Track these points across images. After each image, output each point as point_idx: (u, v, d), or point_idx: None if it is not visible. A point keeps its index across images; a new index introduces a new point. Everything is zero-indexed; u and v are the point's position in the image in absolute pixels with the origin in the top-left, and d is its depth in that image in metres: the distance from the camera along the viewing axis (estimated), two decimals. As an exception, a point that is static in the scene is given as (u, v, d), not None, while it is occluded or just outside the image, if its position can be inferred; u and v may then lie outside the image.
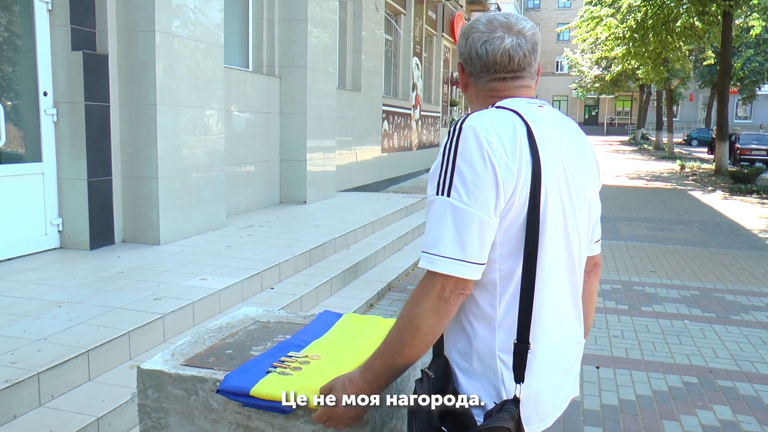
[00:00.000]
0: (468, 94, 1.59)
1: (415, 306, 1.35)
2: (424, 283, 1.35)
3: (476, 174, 1.32)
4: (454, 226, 1.32)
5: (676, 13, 19.51)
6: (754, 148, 24.92)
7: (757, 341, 4.99)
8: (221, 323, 2.05)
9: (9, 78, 5.31)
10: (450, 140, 1.37)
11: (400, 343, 1.38)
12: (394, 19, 15.11)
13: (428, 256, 1.34)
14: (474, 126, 1.36)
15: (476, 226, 1.32)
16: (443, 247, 1.32)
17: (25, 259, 5.18)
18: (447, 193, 1.33)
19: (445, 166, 1.35)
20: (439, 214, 1.33)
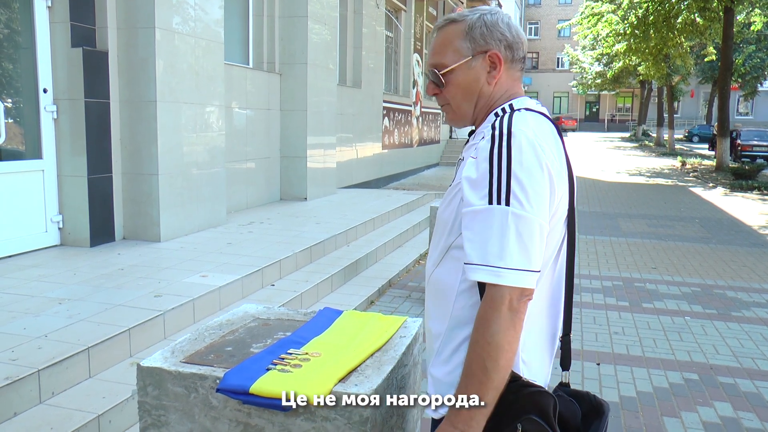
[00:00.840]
0: (489, 88, 1.50)
1: (489, 326, 1.29)
2: (492, 300, 1.29)
3: (535, 181, 1.30)
4: (517, 235, 1.28)
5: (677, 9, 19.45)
6: (755, 145, 24.88)
7: (758, 338, 4.99)
8: (221, 320, 2.04)
9: (9, 75, 5.30)
10: (498, 146, 1.32)
11: (486, 372, 1.29)
12: (395, 15, 15.09)
13: (493, 270, 1.28)
14: (525, 131, 1.33)
15: (537, 234, 1.31)
16: (510, 259, 1.28)
17: (26, 257, 5.18)
18: (506, 202, 1.29)
19: (497, 173, 1.30)
20: (499, 223, 1.29)
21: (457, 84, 1.49)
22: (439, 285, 1.49)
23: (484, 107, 1.51)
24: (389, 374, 1.64)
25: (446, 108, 1.55)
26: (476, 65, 1.48)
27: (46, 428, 2.81)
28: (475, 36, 1.46)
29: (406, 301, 5.69)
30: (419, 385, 2.01)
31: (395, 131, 14.69)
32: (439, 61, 1.50)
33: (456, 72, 1.48)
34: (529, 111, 1.42)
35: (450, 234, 1.45)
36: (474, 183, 1.34)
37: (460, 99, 1.51)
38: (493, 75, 1.48)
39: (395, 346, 1.82)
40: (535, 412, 1.33)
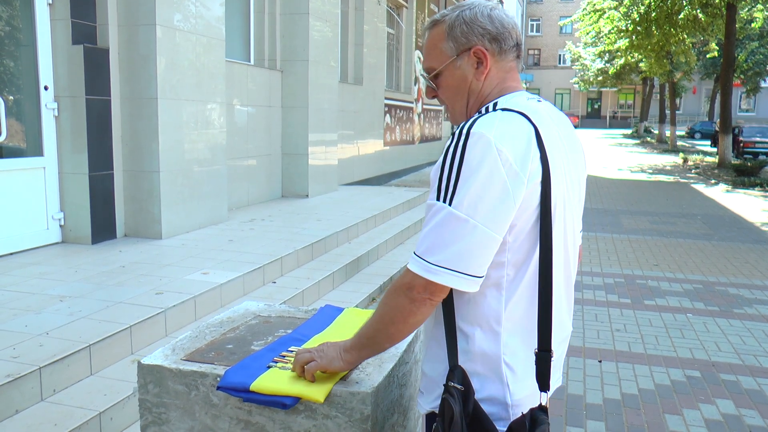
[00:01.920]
0: (479, 84, 1.47)
1: (386, 295, 1.41)
2: (401, 278, 1.38)
3: (482, 185, 1.27)
4: (452, 235, 1.28)
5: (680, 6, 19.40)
6: (757, 141, 24.83)
7: (761, 335, 4.98)
8: (222, 318, 2.04)
9: (10, 72, 5.30)
10: (455, 145, 1.31)
11: (371, 328, 1.44)
12: (396, 12, 15.06)
13: (422, 262, 1.32)
14: (483, 133, 1.29)
15: (477, 239, 1.28)
16: (441, 256, 1.29)
17: (27, 254, 5.18)
18: (449, 201, 1.28)
19: (448, 172, 1.30)
20: (438, 221, 1.30)
21: (447, 85, 1.50)
22: None
23: (475, 104, 1.49)
24: (390, 372, 1.64)
25: (445, 108, 1.58)
26: (462, 64, 1.46)
27: (48, 425, 2.81)
28: (456, 35, 1.45)
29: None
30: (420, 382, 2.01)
31: (397, 128, 14.68)
32: (428, 64, 1.51)
33: (444, 74, 1.48)
34: (506, 111, 1.37)
35: None
36: (432, 178, 1.36)
37: (453, 99, 1.50)
38: (481, 71, 1.46)
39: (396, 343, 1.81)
40: (442, 417, 1.34)
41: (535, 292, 1.38)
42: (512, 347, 1.40)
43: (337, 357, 1.49)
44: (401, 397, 1.75)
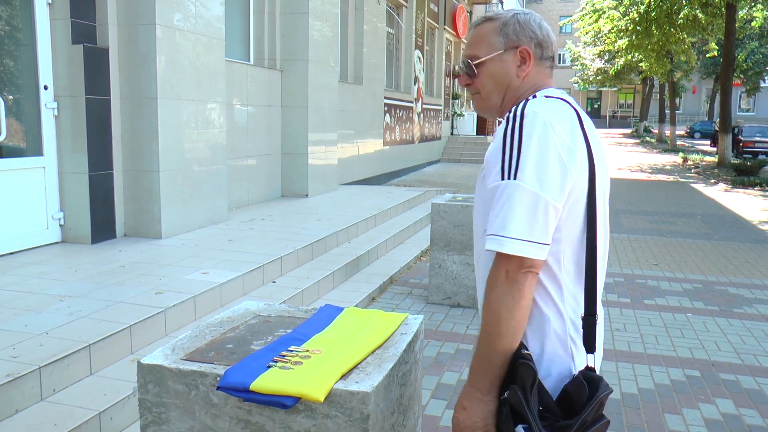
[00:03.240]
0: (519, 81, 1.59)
1: (489, 294, 1.41)
2: (492, 269, 1.42)
3: (543, 157, 1.38)
4: (522, 207, 1.37)
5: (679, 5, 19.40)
6: (757, 141, 24.83)
7: (760, 334, 4.98)
8: (222, 317, 2.04)
9: (10, 72, 5.30)
10: (512, 125, 1.42)
11: (487, 335, 1.42)
12: (396, 11, 15.06)
13: (496, 238, 1.38)
14: (537, 112, 1.42)
15: (542, 208, 1.38)
16: (513, 228, 1.37)
17: (27, 254, 5.18)
18: (513, 176, 1.38)
19: (509, 150, 1.40)
20: (507, 196, 1.38)
21: (488, 74, 1.60)
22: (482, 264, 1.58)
23: (512, 98, 1.60)
24: (390, 371, 1.64)
25: (476, 97, 1.65)
26: (507, 59, 1.58)
27: (48, 425, 2.81)
28: (508, 32, 1.57)
29: (408, 297, 5.69)
30: (420, 382, 2.01)
31: (396, 128, 14.68)
32: (473, 52, 1.61)
33: (487, 63, 1.59)
34: (548, 97, 1.51)
35: (484, 224, 1.51)
36: (491, 162, 1.45)
37: (490, 88, 1.61)
38: (522, 69, 1.59)
39: (396, 343, 1.82)
40: (517, 382, 1.40)
41: (582, 268, 1.50)
42: (573, 320, 1.51)
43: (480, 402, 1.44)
44: (401, 397, 1.75)
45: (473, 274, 5.35)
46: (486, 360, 1.43)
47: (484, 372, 1.44)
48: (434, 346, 4.52)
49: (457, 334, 4.79)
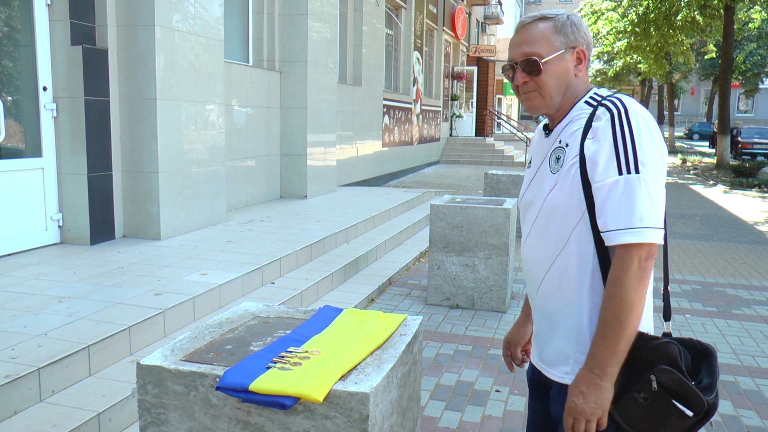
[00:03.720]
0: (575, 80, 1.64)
1: (622, 284, 1.47)
2: (623, 260, 1.48)
3: (652, 148, 1.49)
4: (649, 197, 1.46)
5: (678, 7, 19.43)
6: (756, 142, 24.87)
7: (759, 335, 4.99)
8: (221, 318, 2.04)
9: (8, 73, 5.30)
10: (619, 122, 1.50)
11: (620, 324, 1.47)
12: (395, 13, 15.07)
13: (631, 231, 1.46)
14: (637, 107, 1.52)
15: (661, 195, 1.49)
16: (648, 218, 1.46)
17: (26, 255, 5.18)
18: (635, 170, 1.46)
19: (623, 146, 1.48)
20: (634, 190, 1.46)
21: (552, 74, 1.62)
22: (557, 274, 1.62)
23: (570, 98, 1.65)
24: (389, 372, 1.64)
25: (533, 95, 1.65)
26: (567, 58, 1.63)
27: (47, 426, 2.81)
28: (567, 32, 1.63)
29: (407, 298, 5.69)
30: (419, 383, 2.01)
31: (395, 129, 14.68)
32: (534, 50, 1.62)
33: (551, 63, 1.62)
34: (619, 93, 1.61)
35: (569, 217, 1.57)
36: (602, 159, 1.50)
37: (552, 87, 1.63)
38: (579, 69, 1.65)
39: (395, 344, 1.82)
40: (665, 362, 1.49)
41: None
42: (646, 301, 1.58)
43: (600, 389, 1.50)
44: (400, 398, 1.75)
45: (472, 275, 5.37)
46: (615, 347, 1.48)
47: (610, 359, 1.48)
48: (433, 347, 4.52)
49: (456, 335, 4.80)
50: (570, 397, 1.53)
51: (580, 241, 1.57)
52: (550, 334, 1.68)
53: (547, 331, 1.69)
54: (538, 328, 1.74)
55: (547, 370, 1.69)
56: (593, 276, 1.57)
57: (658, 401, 1.49)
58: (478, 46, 26.36)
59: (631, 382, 1.51)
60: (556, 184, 1.60)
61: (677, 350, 1.50)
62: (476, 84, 25.11)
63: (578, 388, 1.52)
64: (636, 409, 1.51)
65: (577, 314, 1.60)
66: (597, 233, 1.54)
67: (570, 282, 1.60)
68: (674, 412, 1.49)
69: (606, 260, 1.56)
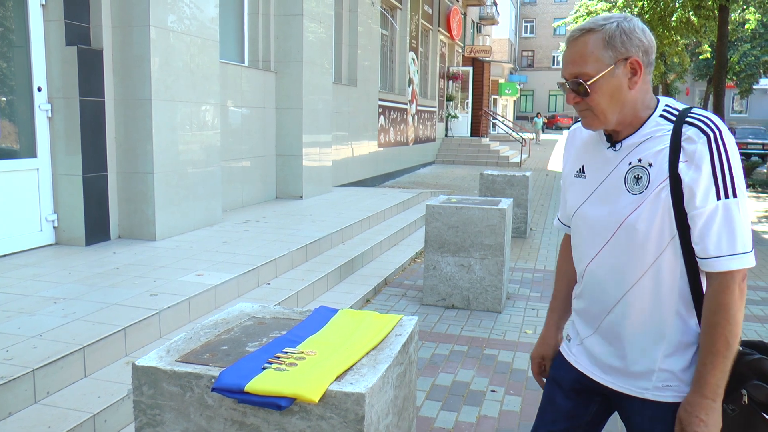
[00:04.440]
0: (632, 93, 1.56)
1: (729, 309, 1.50)
2: (727, 285, 1.50)
3: (740, 170, 1.50)
4: (744, 222, 1.49)
5: (672, 8, 19.48)
6: (750, 143, 24.95)
7: (753, 335, 5.00)
8: (216, 319, 2.04)
9: (3, 74, 5.28)
10: (716, 147, 1.48)
11: (729, 347, 1.51)
12: (390, 13, 15.08)
13: (736, 257, 1.48)
14: (726, 129, 1.51)
15: (750, 216, 1.53)
16: (746, 244, 1.49)
17: (20, 256, 5.16)
18: (733, 195, 1.48)
19: (720, 170, 1.47)
20: (730, 215, 1.48)
21: (603, 92, 1.54)
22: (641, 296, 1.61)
23: (630, 111, 1.58)
24: (385, 372, 1.64)
25: (586, 113, 1.59)
26: (618, 72, 1.53)
27: (41, 428, 2.80)
28: (615, 44, 1.52)
29: (402, 299, 5.70)
30: (415, 383, 2.02)
31: (391, 129, 14.69)
32: (581, 70, 1.54)
33: (600, 81, 1.53)
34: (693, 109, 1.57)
35: (658, 240, 1.56)
36: (701, 186, 1.48)
37: (605, 106, 1.55)
38: (634, 81, 1.55)
39: (391, 344, 1.82)
40: (757, 377, 1.55)
41: None
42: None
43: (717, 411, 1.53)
44: (396, 398, 1.76)
45: (467, 275, 5.38)
46: (726, 368, 1.51)
47: (722, 381, 1.52)
48: (429, 347, 4.53)
49: (452, 335, 4.80)
50: (690, 427, 1.54)
51: (668, 264, 1.57)
52: (623, 355, 1.68)
53: (617, 351, 1.69)
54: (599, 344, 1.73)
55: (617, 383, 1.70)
56: (680, 298, 1.59)
57: (747, 414, 1.55)
58: (473, 47, 26.41)
59: (730, 393, 1.56)
60: (639, 205, 1.55)
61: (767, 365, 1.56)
62: (471, 84, 25.14)
63: (697, 417, 1.52)
64: (725, 418, 1.56)
65: (663, 336, 1.61)
66: (687, 256, 1.55)
67: (655, 304, 1.60)
68: (761, 424, 1.55)
69: (695, 281, 1.57)
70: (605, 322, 1.70)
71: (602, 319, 1.71)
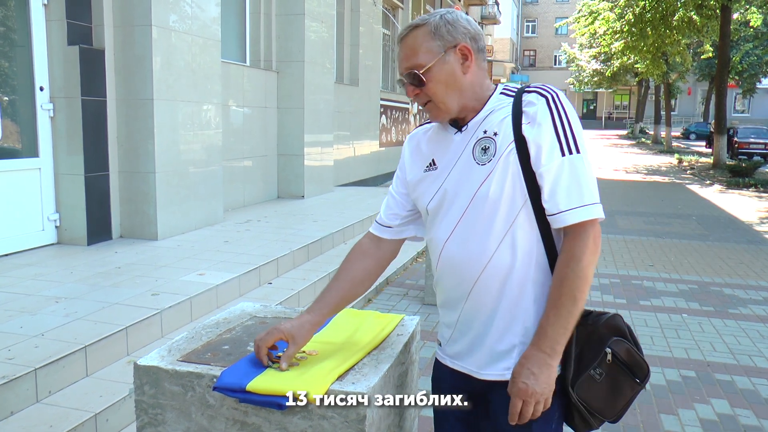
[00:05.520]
0: (467, 78, 1.58)
1: (579, 261, 1.48)
2: (580, 237, 1.49)
3: (580, 128, 1.53)
4: (591, 175, 1.51)
5: (674, 7, 19.46)
6: (752, 142, 24.92)
7: (755, 335, 5.00)
8: (218, 319, 2.04)
9: (5, 73, 5.29)
10: (555, 106, 1.51)
11: (575, 302, 1.48)
12: (392, 13, 15.07)
13: (584, 209, 1.48)
14: (559, 91, 1.57)
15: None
16: (594, 195, 1.50)
17: (22, 255, 5.16)
18: (576, 150, 1.49)
19: (562, 129, 1.50)
20: (575, 169, 1.49)
21: (437, 80, 1.57)
22: (498, 268, 1.55)
23: (472, 95, 1.60)
24: (386, 372, 1.64)
25: (429, 105, 1.62)
26: (450, 59, 1.57)
27: (43, 427, 2.81)
28: (442, 34, 1.56)
29: (404, 299, 5.69)
30: (417, 383, 2.01)
31: (392, 129, 14.68)
32: (415, 62, 1.58)
33: (433, 69, 1.56)
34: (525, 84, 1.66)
35: (510, 207, 1.52)
36: (545, 143, 1.49)
37: (443, 93, 1.58)
38: (467, 65, 1.58)
39: (392, 344, 1.82)
40: (617, 334, 1.57)
41: None
42: None
43: (550, 368, 1.50)
44: (397, 398, 1.75)
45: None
46: (568, 325, 1.49)
47: (562, 338, 1.49)
48: (430, 347, 4.52)
49: (454, 335, 4.79)
50: (519, 379, 1.49)
51: (522, 231, 1.53)
52: (487, 333, 1.59)
53: (482, 332, 1.60)
54: (465, 330, 1.63)
55: (482, 372, 1.60)
56: (537, 266, 1.55)
57: (613, 373, 1.56)
58: (475, 46, 26.31)
59: (586, 361, 1.54)
60: (489, 174, 1.52)
61: (623, 322, 1.58)
62: (473, 84, 25.06)
63: (528, 369, 1.48)
64: (593, 386, 1.55)
65: (523, 308, 1.55)
66: (542, 225, 1.53)
67: (512, 276, 1.54)
68: (626, 382, 1.57)
69: (551, 248, 1.55)
70: (467, 304, 1.62)
71: (463, 301, 1.62)
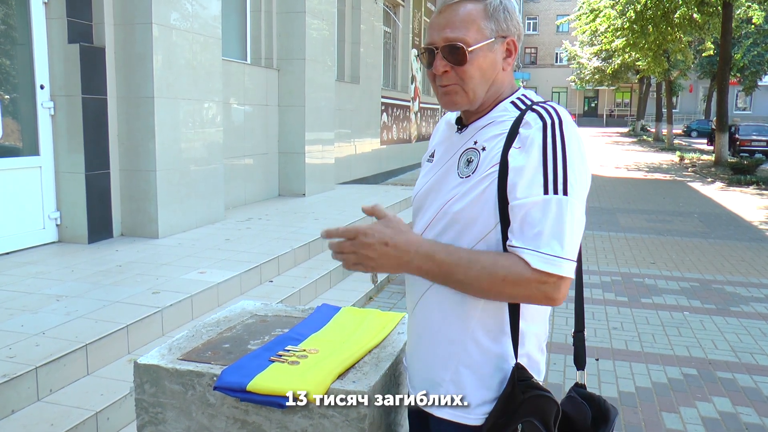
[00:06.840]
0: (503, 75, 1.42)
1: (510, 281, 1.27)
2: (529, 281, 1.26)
3: (582, 171, 1.29)
4: (573, 226, 1.26)
5: (676, 4, 19.43)
6: (753, 139, 24.89)
7: (757, 333, 4.99)
8: (219, 317, 2.03)
9: (5, 71, 5.28)
10: (551, 134, 1.29)
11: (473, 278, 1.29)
12: (393, 10, 15.05)
13: (555, 260, 1.24)
14: (572, 122, 1.31)
15: (582, 224, 1.30)
16: (569, 249, 1.25)
17: (23, 253, 5.16)
18: (564, 192, 1.26)
19: (552, 161, 1.27)
20: (557, 213, 1.25)
21: (479, 65, 1.37)
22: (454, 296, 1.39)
23: (494, 94, 1.42)
24: (387, 371, 1.64)
25: (452, 89, 1.39)
26: (497, 48, 1.39)
27: (44, 425, 2.81)
28: (498, 18, 1.38)
29: (405, 297, 5.68)
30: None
31: (393, 127, 14.67)
32: (461, 36, 1.36)
33: (478, 52, 1.36)
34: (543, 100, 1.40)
35: (474, 231, 1.35)
36: (527, 173, 1.28)
37: (477, 81, 1.38)
38: (508, 62, 1.42)
39: (393, 342, 1.81)
40: (536, 416, 1.31)
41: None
42: (543, 338, 1.45)
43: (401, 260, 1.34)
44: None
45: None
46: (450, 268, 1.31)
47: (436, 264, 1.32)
48: (432, 345, 4.52)
49: (455, 333, 4.79)
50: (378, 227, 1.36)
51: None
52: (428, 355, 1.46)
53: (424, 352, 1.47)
54: (414, 349, 1.52)
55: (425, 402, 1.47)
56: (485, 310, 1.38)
57: None
58: (476, 44, 26.29)
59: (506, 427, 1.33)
60: (462, 192, 1.36)
61: (555, 408, 1.33)
62: (474, 82, 25.05)
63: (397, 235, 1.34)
64: None
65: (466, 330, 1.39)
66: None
67: (461, 298, 1.37)
68: None
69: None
70: (412, 323, 1.52)
71: (412, 319, 1.51)
